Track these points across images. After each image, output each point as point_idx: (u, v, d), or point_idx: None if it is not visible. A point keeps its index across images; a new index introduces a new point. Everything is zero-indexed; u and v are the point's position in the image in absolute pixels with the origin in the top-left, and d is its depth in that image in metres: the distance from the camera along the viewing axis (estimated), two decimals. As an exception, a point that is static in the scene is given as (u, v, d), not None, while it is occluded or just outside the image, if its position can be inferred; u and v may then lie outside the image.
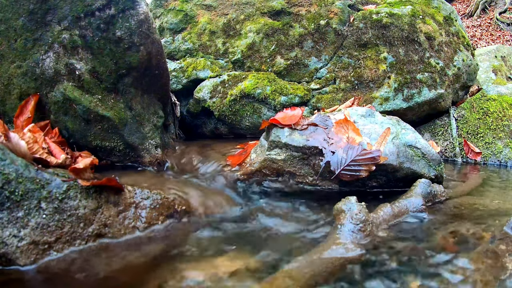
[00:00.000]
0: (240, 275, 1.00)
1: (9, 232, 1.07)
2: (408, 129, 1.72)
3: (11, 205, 1.09)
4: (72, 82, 1.67)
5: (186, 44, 2.80)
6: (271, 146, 1.66)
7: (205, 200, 1.50)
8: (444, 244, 1.16)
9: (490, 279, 0.92)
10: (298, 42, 2.62)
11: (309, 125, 1.67)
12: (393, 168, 1.59)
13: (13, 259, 1.05)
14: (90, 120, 1.69)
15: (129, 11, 1.67)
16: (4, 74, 1.72)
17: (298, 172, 1.63)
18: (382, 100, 2.46)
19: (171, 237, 1.26)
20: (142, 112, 1.84)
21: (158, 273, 1.03)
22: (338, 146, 1.59)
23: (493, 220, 1.31)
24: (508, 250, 1.02)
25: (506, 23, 10.85)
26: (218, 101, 2.52)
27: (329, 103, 2.46)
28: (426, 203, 1.46)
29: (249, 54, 2.65)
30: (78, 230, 1.16)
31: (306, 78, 2.59)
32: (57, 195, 1.16)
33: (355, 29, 2.59)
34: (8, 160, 1.13)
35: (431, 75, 2.53)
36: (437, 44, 2.63)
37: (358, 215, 1.22)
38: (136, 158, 1.82)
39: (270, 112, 2.45)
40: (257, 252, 1.14)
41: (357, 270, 1.02)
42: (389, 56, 2.52)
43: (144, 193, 1.34)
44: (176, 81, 2.70)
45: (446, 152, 2.69)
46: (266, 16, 2.76)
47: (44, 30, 1.66)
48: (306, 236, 1.26)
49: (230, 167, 1.78)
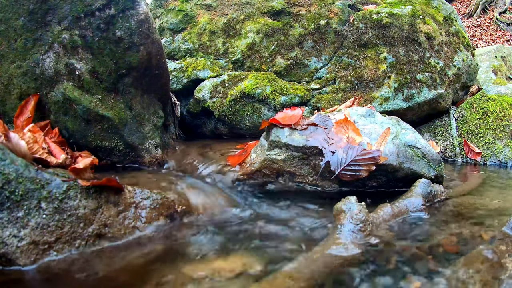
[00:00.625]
0: (240, 275, 1.00)
1: (9, 232, 1.07)
2: (408, 129, 1.72)
3: (11, 205, 1.09)
4: (72, 82, 1.67)
5: (186, 44, 2.80)
6: (271, 146, 1.66)
7: (205, 200, 1.50)
8: (444, 244, 1.16)
9: (490, 279, 0.92)
10: (298, 42, 2.62)
11: (309, 125, 1.67)
12: (393, 168, 1.59)
13: (13, 259, 1.05)
14: (90, 120, 1.69)
15: (129, 11, 1.67)
16: (4, 74, 1.72)
17: (298, 172, 1.63)
18: (382, 100, 2.46)
19: (171, 237, 1.26)
20: (142, 112, 1.84)
21: (158, 273, 1.03)
22: (338, 146, 1.59)
23: (493, 220, 1.31)
24: (508, 250, 1.02)
25: (506, 23, 10.85)
26: (218, 101, 2.52)
27: (329, 103, 2.46)
28: (426, 203, 1.47)
29: (249, 54, 2.65)
30: (78, 230, 1.16)
31: (306, 78, 2.59)
32: (57, 195, 1.16)
33: (355, 29, 2.59)
34: (8, 160, 1.13)
35: (431, 75, 2.53)
36: (437, 44, 2.63)
37: (358, 215, 1.22)
38: (136, 158, 1.82)
39: (270, 112, 2.45)
40: (257, 252, 1.14)
41: (357, 270, 1.02)
42: (389, 56, 2.52)
43: (144, 193, 1.34)
44: (176, 81, 2.70)
45: (446, 152, 2.69)
46: (266, 16, 2.76)
47: (44, 30, 1.67)
48: (306, 236, 1.26)
49: (230, 167, 1.78)
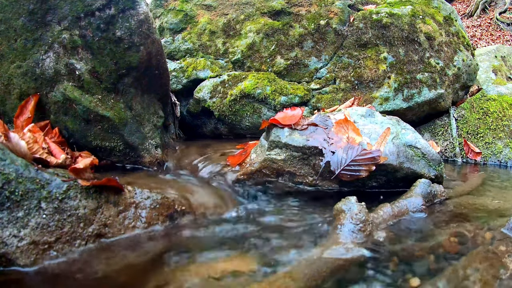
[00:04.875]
0: (240, 275, 1.00)
1: (9, 232, 1.07)
2: (408, 129, 1.72)
3: (11, 205, 1.09)
4: (72, 82, 1.67)
5: (186, 44, 2.80)
6: (271, 146, 1.66)
7: (205, 200, 1.50)
8: (444, 244, 1.16)
9: (490, 279, 0.92)
10: (298, 42, 2.62)
11: (309, 125, 1.67)
12: (393, 168, 1.59)
13: (13, 259, 1.05)
14: (90, 120, 1.69)
15: (129, 11, 1.67)
16: (4, 74, 1.72)
17: (298, 172, 1.63)
18: (382, 100, 2.46)
19: (171, 237, 1.26)
20: (142, 112, 1.84)
21: (158, 273, 1.03)
22: (338, 146, 1.59)
23: (493, 220, 1.31)
24: (507, 250, 1.02)
25: (506, 23, 10.85)
26: (218, 101, 2.51)
27: (329, 103, 2.46)
28: (426, 203, 1.47)
29: (249, 54, 2.65)
30: (78, 230, 1.16)
31: (306, 78, 2.59)
32: (57, 195, 1.16)
33: (355, 29, 2.59)
34: (8, 160, 1.13)
35: (431, 75, 2.53)
36: (437, 44, 2.63)
37: (358, 215, 1.22)
38: (136, 158, 1.82)
39: (270, 112, 2.45)
40: (257, 252, 1.14)
41: (357, 270, 1.02)
42: (389, 56, 2.52)
43: (144, 193, 1.34)
44: (176, 81, 2.70)
45: (446, 152, 2.69)
46: (266, 16, 2.76)
47: (44, 30, 1.66)
48: (306, 236, 1.26)
49: (230, 167, 1.78)
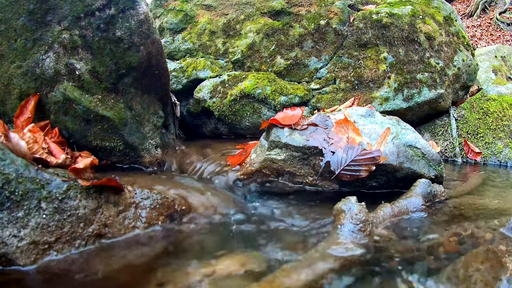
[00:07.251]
0: (240, 275, 1.00)
1: (9, 232, 1.07)
2: (408, 129, 1.72)
3: (11, 205, 1.09)
4: (72, 82, 1.67)
5: (186, 44, 2.80)
6: (271, 146, 1.66)
7: (205, 200, 1.50)
8: (444, 244, 1.16)
9: (490, 279, 0.92)
10: (298, 42, 2.62)
11: (309, 125, 1.67)
12: (393, 168, 1.59)
13: (13, 259, 1.05)
14: (90, 120, 1.69)
15: (129, 11, 1.67)
16: (4, 74, 1.72)
17: (298, 172, 1.63)
18: (382, 100, 2.46)
19: (171, 237, 1.26)
20: (142, 112, 1.84)
21: (158, 273, 1.03)
22: (338, 146, 1.59)
23: (493, 220, 1.31)
24: (507, 250, 1.02)
25: (506, 23, 10.85)
26: (218, 101, 2.52)
27: (329, 103, 2.46)
28: (426, 203, 1.47)
29: (249, 54, 2.65)
30: (78, 230, 1.16)
31: (306, 78, 2.59)
32: (57, 195, 1.16)
33: (355, 29, 2.59)
34: (8, 160, 1.13)
35: (431, 75, 2.53)
36: (437, 44, 2.63)
37: (358, 215, 1.22)
38: (136, 158, 1.82)
39: (270, 112, 2.45)
40: (257, 252, 1.14)
41: (357, 270, 1.02)
42: (389, 56, 2.52)
43: (144, 193, 1.34)
44: (176, 81, 2.70)
45: (446, 152, 2.69)
46: (266, 16, 2.76)
47: (44, 30, 1.67)
48: (306, 236, 1.26)
49: (230, 167, 1.78)
